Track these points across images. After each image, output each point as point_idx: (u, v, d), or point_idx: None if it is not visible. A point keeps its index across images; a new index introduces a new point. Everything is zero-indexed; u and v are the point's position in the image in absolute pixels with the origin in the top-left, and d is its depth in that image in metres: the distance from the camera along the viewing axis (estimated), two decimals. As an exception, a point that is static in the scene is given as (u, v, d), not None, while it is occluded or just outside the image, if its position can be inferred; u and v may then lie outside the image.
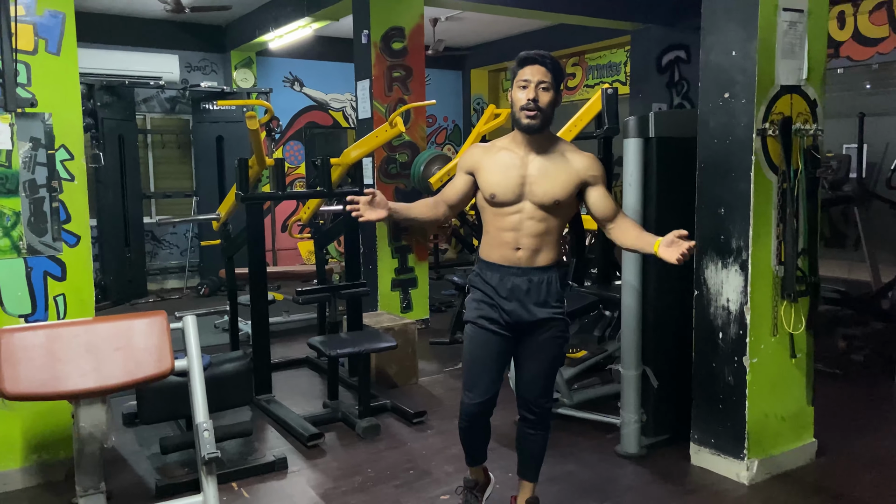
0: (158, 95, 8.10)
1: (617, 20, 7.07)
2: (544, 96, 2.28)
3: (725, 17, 3.01)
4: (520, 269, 2.38)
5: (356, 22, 5.82)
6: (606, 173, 4.52)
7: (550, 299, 2.42)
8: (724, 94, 3.03)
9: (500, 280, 2.40)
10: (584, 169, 2.37)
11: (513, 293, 2.39)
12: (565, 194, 2.34)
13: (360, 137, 5.82)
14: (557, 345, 2.49)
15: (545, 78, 2.28)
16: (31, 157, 3.04)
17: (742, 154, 2.98)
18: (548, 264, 2.41)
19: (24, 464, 3.06)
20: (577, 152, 2.40)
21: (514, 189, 2.34)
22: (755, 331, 3.03)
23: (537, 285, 2.39)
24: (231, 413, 3.69)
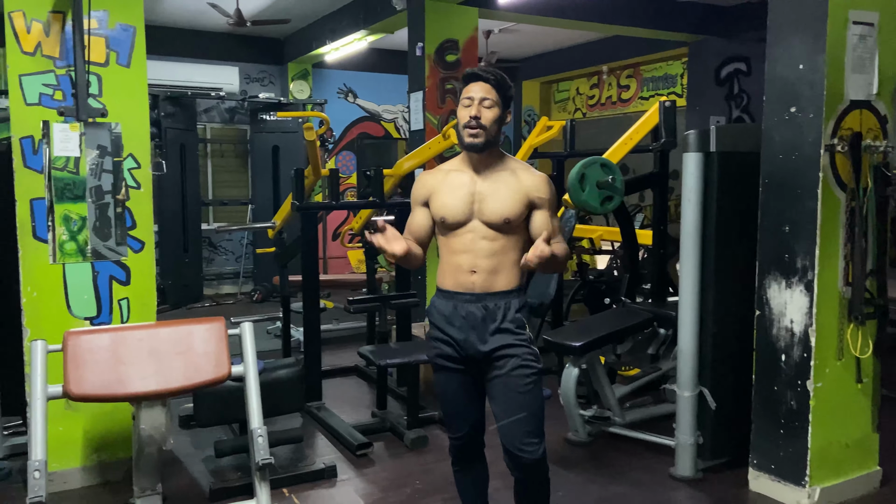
0: (218, 106, 8.33)
1: (674, 31, 6.96)
2: (487, 114, 2.15)
3: (792, 30, 2.93)
4: (474, 294, 2.18)
5: (411, 34, 5.88)
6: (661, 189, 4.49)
7: (509, 325, 2.19)
8: (791, 109, 2.94)
9: (453, 309, 2.21)
10: (533, 189, 2.20)
11: (466, 322, 2.19)
12: (515, 213, 2.18)
13: (411, 149, 5.87)
14: (523, 376, 2.18)
15: (488, 95, 2.16)
16: (97, 164, 3.15)
17: (809, 171, 2.88)
18: (506, 289, 2.20)
19: (83, 463, 3.16)
20: (528, 171, 2.25)
21: (463, 208, 2.19)
22: (820, 354, 2.92)
23: (493, 312, 2.18)
24: (282, 419, 3.74)
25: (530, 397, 2.20)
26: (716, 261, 3.23)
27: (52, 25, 3.01)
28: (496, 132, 2.20)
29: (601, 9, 6.48)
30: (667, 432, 3.56)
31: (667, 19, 6.81)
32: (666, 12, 6.78)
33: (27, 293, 3.04)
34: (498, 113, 2.18)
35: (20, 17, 2.96)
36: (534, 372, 2.21)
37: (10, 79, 2.98)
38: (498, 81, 2.19)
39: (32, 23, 2.98)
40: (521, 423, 2.18)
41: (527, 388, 2.19)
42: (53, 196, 3.07)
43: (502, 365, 2.19)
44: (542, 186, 2.22)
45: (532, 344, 2.22)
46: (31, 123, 3.00)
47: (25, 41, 2.98)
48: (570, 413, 3.65)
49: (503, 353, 2.18)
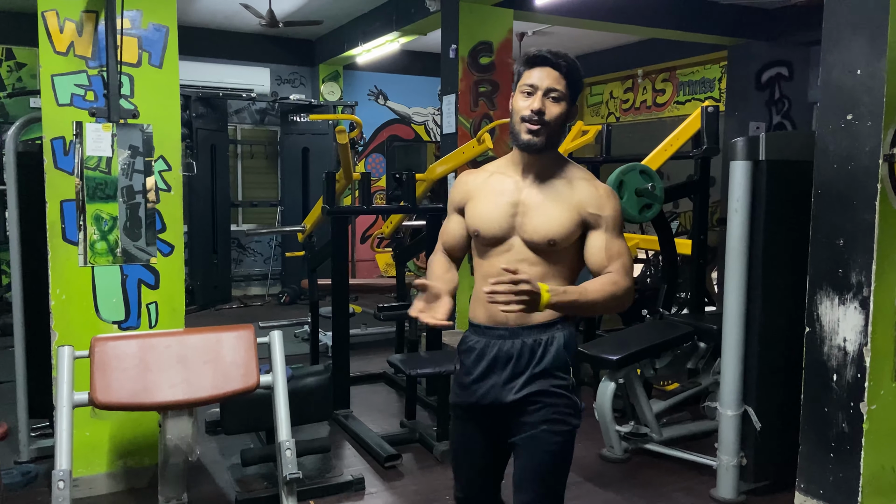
0: (249, 107, 8.33)
1: (714, 34, 6.78)
2: (553, 108, 1.76)
3: (850, 34, 2.78)
4: (508, 329, 1.79)
5: (444, 36, 5.80)
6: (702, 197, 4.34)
7: (547, 367, 1.78)
8: (847, 116, 2.79)
9: (482, 349, 1.82)
10: (587, 203, 1.79)
11: (495, 365, 1.80)
12: (563, 233, 1.77)
13: (444, 152, 5.78)
14: (552, 433, 1.77)
15: (556, 85, 1.75)
16: (129, 164, 3.11)
17: (866, 181, 2.73)
18: (547, 321, 1.79)
19: (109, 469, 3.12)
20: (588, 181, 1.84)
21: (502, 221, 1.80)
22: (875, 375, 2.76)
23: (532, 348, 1.78)
24: (309, 427, 3.68)
25: (553, 470, 1.81)
26: (763, 274, 3.08)
27: (85, 25, 2.98)
28: (560, 131, 1.82)
29: (639, 11, 6.33)
30: (706, 451, 3.42)
31: (706, 22, 6.64)
32: (706, 15, 6.60)
33: (56, 295, 3.00)
34: (565, 108, 1.78)
35: (53, 17, 2.94)
36: (567, 430, 1.79)
37: (43, 79, 2.95)
38: (569, 70, 1.77)
39: (65, 22, 2.95)
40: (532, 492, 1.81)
41: (555, 448, 1.79)
42: (85, 195, 3.03)
43: (530, 415, 1.79)
44: (600, 201, 1.80)
45: (574, 392, 1.81)
46: (62, 124, 2.97)
47: (58, 41, 2.95)
48: (605, 428, 3.53)
49: (534, 401, 1.78)
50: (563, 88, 1.77)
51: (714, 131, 4.15)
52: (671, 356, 3.68)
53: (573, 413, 1.81)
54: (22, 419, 3.40)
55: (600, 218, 1.79)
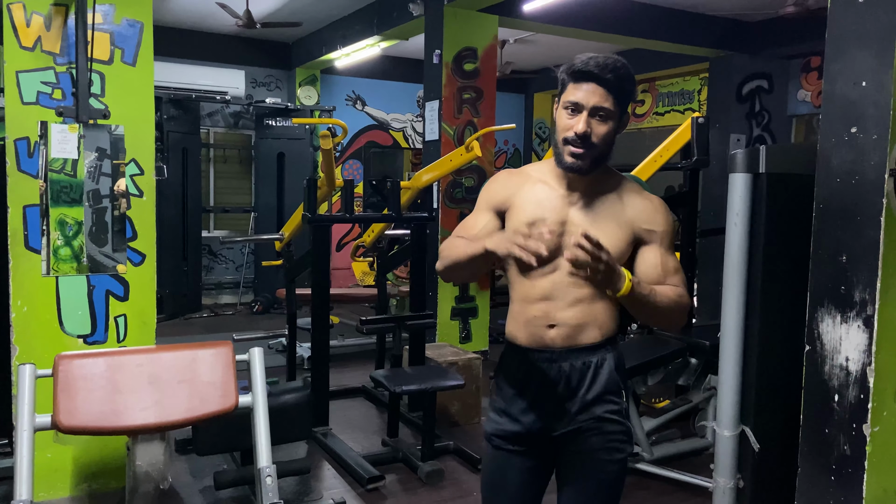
0: (223, 110, 8.11)
1: (696, 46, 6.77)
2: (600, 129, 1.61)
3: (855, 44, 2.71)
4: (554, 352, 1.67)
5: (428, 41, 5.67)
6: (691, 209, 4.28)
7: (601, 391, 1.68)
8: (851, 129, 2.72)
9: (526, 374, 1.71)
10: (641, 218, 1.68)
11: (542, 391, 1.69)
12: (615, 253, 1.62)
13: (426, 159, 5.65)
14: (608, 462, 1.69)
15: (604, 103, 1.59)
16: (96, 167, 2.93)
17: (871, 196, 2.65)
18: (596, 342, 1.68)
19: (73, 493, 2.92)
20: (638, 194, 1.71)
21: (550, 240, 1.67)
22: (878, 396, 2.67)
23: (581, 372, 1.67)
24: (286, 446, 3.50)
25: (609, 494, 1.72)
26: (762, 289, 3.00)
27: (54, 19, 2.79)
28: (608, 150, 1.66)
29: (624, 21, 6.29)
30: (698, 470, 3.33)
31: (689, 34, 6.63)
32: (689, 26, 6.59)
33: (17, 307, 2.80)
34: (613, 126, 1.63)
35: (20, 10, 2.74)
36: (621, 458, 1.71)
37: (7, 76, 2.75)
38: (620, 83, 1.61)
39: (33, 16, 2.76)
40: None
41: (609, 477, 1.70)
42: (49, 199, 2.83)
43: (584, 442, 1.68)
44: (654, 215, 1.69)
45: (627, 418, 1.72)
46: (27, 124, 2.78)
47: (24, 35, 2.76)
48: (596, 448, 3.40)
49: (589, 428, 1.67)
50: (612, 105, 1.61)
51: (704, 143, 4.09)
52: (663, 372, 3.58)
53: (627, 440, 1.72)
54: (-23, 439, 3.16)
55: (654, 234, 1.68)
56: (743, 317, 2.99)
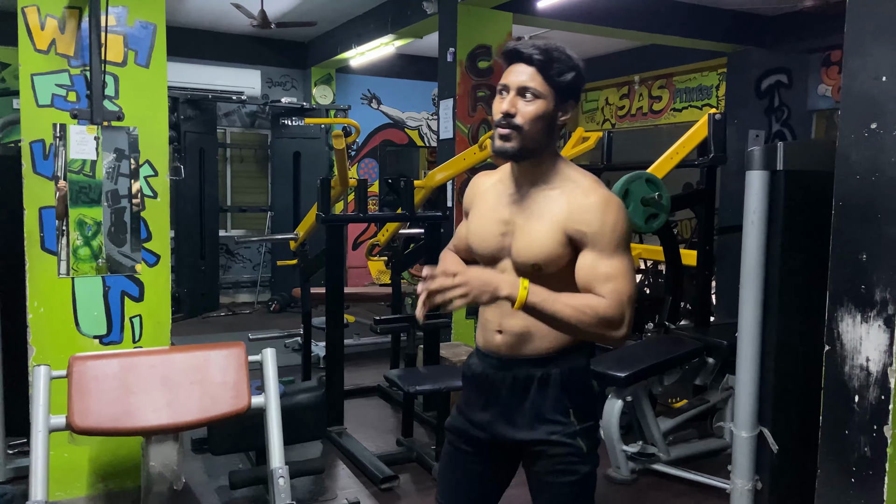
0: (239, 110, 8.15)
1: (714, 41, 6.68)
2: (527, 109, 1.51)
3: (875, 39, 2.65)
4: (500, 360, 1.61)
5: (442, 39, 5.65)
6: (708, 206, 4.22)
7: (545, 410, 1.58)
8: (871, 125, 2.66)
9: (479, 377, 1.66)
10: (573, 219, 1.52)
11: (489, 397, 1.64)
12: (545, 256, 1.53)
13: (440, 158, 5.63)
14: (560, 485, 1.60)
15: (530, 83, 1.51)
16: (114, 167, 2.95)
17: (891, 193, 2.59)
18: (541, 355, 1.58)
19: (89, 492, 2.94)
20: (580, 191, 1.55)
21: (492, 241, 1.61)
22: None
23: (524, 385, 1.59)
24: (301, 446, 3.50)
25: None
26: (780, 289, 2.95)
27: (68, 22, 2.81)
28: (540, 135, 1.53)
29: (639, 16, 6.21)
30: (715, 471, 3.29)
31: (706, 28, 6.54)
32: (706, 21, 6.50)
33: (33, 308, 2.83)
34: (543, 108, 1.52)
35: (34, 13, 2.76)
36: (575, 479, 1.59)
37: (22, 78, 2.78)
38: (545, 62, 1.51)
39: (47, 19, 2.78)
40: None
41: (564, 498, 1.61)
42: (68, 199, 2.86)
43: (534, 462, 1.62)
44: (587, 214, 1.51)
45: (580, 436, 1.59)
46: (42, 126, 2.80)
47: (39, 38, 2.78)
48: (611, 448, 3.38)
49: (537, 450, 1.60)
50: (539, 85, 1.51)
51: (721, 139, 4.03)
52: (680, 372, 3.54)
53: (581, 460, 1.59)
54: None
55: (585, 235, 1.51)
56: (761, 316, 2.94)
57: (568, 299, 1.46)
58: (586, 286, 1.50)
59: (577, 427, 1.59)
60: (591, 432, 1.63)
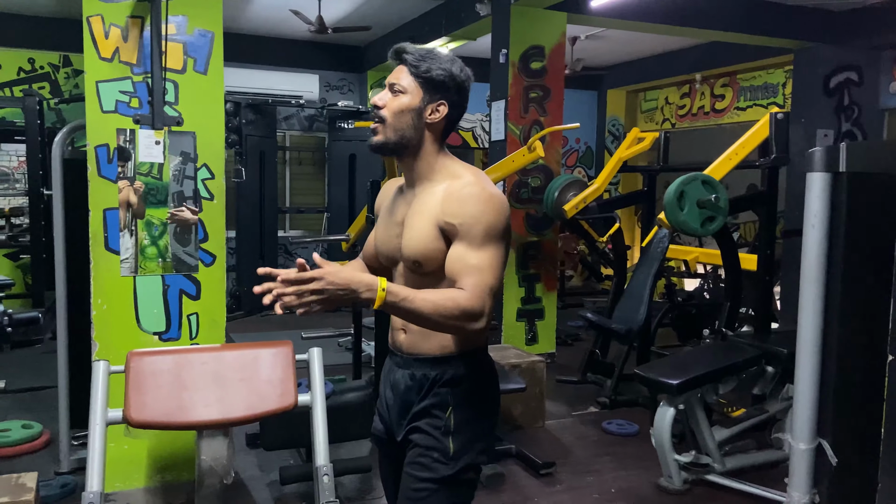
0: (298, 114, 8.33)
1: (779, 38, 6.45)
2: (393, 102, 1.57)
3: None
4: (402, 358, 1.64)
5: (494, 41, 5.64)
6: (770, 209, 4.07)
7: (427, 405, 1.59)
8: (942, 124, 2.52)
9: (386, 374, 1.72)
10: (445, 212, 1.52)
11: (391, 395, 1.67)
12: (423, 252, 1.54)
13: (492, 159, 5.62)
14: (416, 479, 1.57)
15: (397, 79, 1.59)
16: (180, 170, 3.06)
17: (964, 196, 2.46)
18: (438, 355, 1.59)
19: (147, 483, 3.05)
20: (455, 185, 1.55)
21: (390, 243, 1.64)
22: (971, 411, 2.48)
23: (419, 384, 1.60)
24: (350, 444, 3.55)
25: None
26: (841, 296, 2.82)
27: (131, 31, 2.93)
28: (407, 128, 1.57)
29: (700, 13, 6.06)
30: (773, 483, 3.18)
31: (772, 25, 6.32)
32: (771, 17, 6.29)
33: (97, 305, 2.95)
34: (407, 102, 1.57)
35: (98, 22, 2.89)
36: (429, 478, 1.56)
37: (88, 85, 2.91)
38: (415, 60, 1.58)
39: (111, 28, 2.91)
40: None
41: (412, 495, 1.57)
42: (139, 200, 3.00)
43: (407, 453, 1.62)
44: (458, 207, 1.51)
45: (451, 436, 1.57)
46: (106, 131, 2.92)
47: (103, 47, 2.91)
48: (663, 457, 3.30)
49: (410, 440, 1.61)
50: (408, 81, 1.58)
51: (784, 140, 3.90)
52: (736, 381, 3.43)
53: (443, 460, 1.56)
54: (63, 429, 3.36)
55: (455, 227, 1.50)
56: (821, 324, 2.82)
57: (427, 295, 1.45)
58: (452, 277, 1.51)
59: (451, 427, 1.57)
60: (468, 442, 1.58)
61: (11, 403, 4.35)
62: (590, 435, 4.08)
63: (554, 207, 5.24)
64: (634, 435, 4.05)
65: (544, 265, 5.71)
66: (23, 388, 4.60)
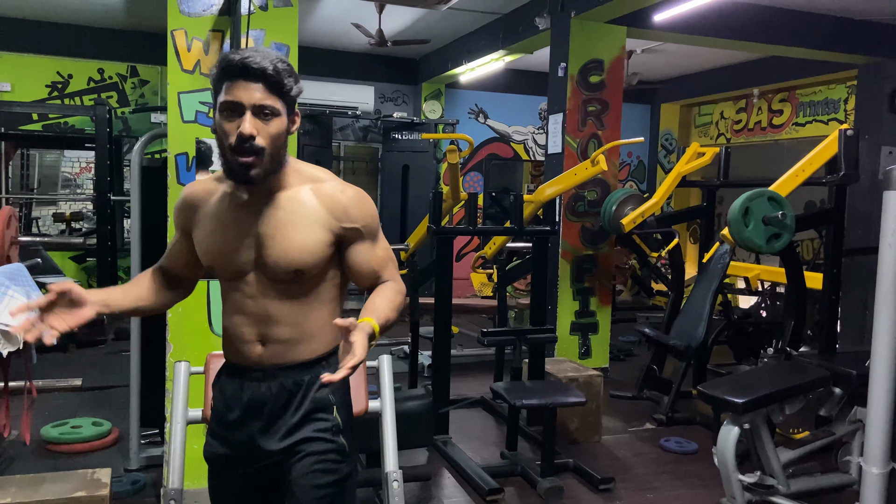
0: (353, 124, 8.47)
1: (842, 53, 6.32)
2: (268, 129, 1.43)
3: None
4: (262, 370, 1.56)
5: (553, 54, 5.66)
6: (837, 227, 3.98)
7: (308, 410, 1.55)
8: None
9: (234, 392, 1.59)
10: (339, 218, 1.52)
11: (250, 411, 1.56)
12: (312, 259, 1.50)
13: (549, 172, 5.63)
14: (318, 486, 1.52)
15: (266, 100, 1.42)
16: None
17: None
18: (310, 358, 1.56)
19: (216, 482, 3.13)
20: (331, 191, 1.53)
21: (236, 256, 1.53)
22: None
23: (290, 393, 1.55)
24: (408, 452, 3.59)
25: None
26: (920, 318, 2.75)
27: (212, 44, 3.04)
28: (281, 152, 1.48)
29: (762, 28, 5.98)
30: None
31: (834, 39, 6.20)
32: (834, 32, 6.17)
33: (173, 309, 3.03)
34: (282, 125, 1.46)
35: (182, 36, 3.01)
36: (335, 480, 1.54)
37: (170, 96, 3.02)
38: (278, 77, 1.43)
39: (193, 41, 3.02)
40: None
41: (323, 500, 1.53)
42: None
43: (293, 467, 1.54)
44: (352, 212, 1.52)
45: (341, 433, 1.57)
46: (186, 140, 3.03)
47: (185, 59, 3.02)
48: (727, 477, 3.24)
49: (298, 450, 1.54)
50: (275, 102, 1.44)
51: (853, 157, 3.82)
52: (803, 401, 3.35)
53: (342, 458, 1.56)
54: (133, 427, 3.47)
55: (357, 230, 1.54)
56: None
57: (384, 303, 1.51)
58: (371, 272, 1.56)
59: (340, 425, 1.57)
60: (350, 432, 1.60)
61: (81, 401, 4.52)
62: (647, 452, 4.03)
63: (611, 221, 5.22)
64: (693, 453, 3.99)
65: (599, 279, 5.67)
66: (91, 386, 4.78)
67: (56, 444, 3.70)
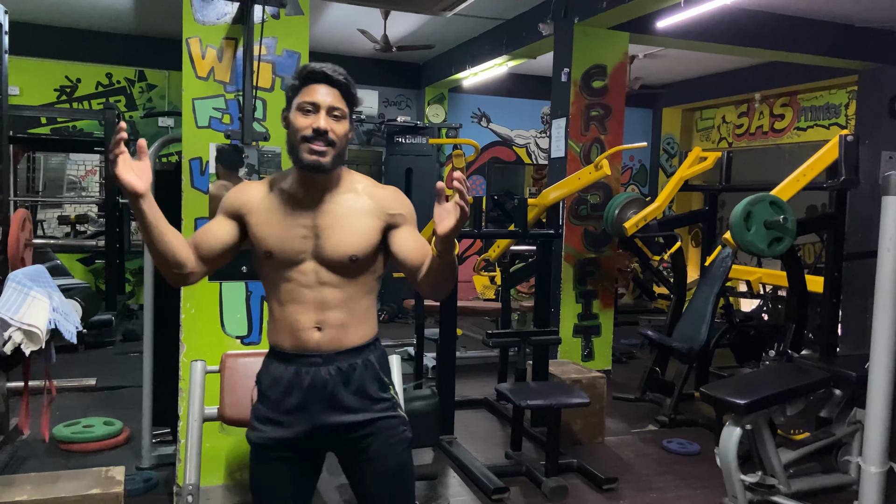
0: (357, 128, 8.55)
1: (843, 58, 6.39)
2: (339, 127, 1.68)
3: None
4: (321, 355, 1.72)
5: (557, 60, 5.73)
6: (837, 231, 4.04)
7: (372, 390, 1.75)
8: None
9: (292, 379, 1.73)
10: (388, 206, 1.75)
11: (311, 395, 1.72)
12: (365, 246, 1.71)
13: (551, 176, 5.70)
14: (401, 456, 1.78)
15: (339, 104, 1.69)
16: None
17: None
18: (361, 343, 1.75)
19: (226, 481, 3.19)
20: (376, 186, 1.80)
21: (296, 244, 1.71)
22: None
23: (346, 375, 1.73)
24: (415, 452, 3.64)
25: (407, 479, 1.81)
26: (918, 320, 2.81)
27: (225, 51, 3.11)
28: (345, 149, 1.74)
29: (764, 34, 6.05)
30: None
31: (835, 45, 6.27)
32: (836, 38, 6.24)
33: (186, 309, 3.11)
34: (348, 127, 1.73)
35: (196, 43, 3.08)
36: (407, 446, 1.81)
37: (185, 102, 3.09)
38: (350, 89, 1.73)
39: (207, 49, 3.09)
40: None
41: (401, 465, 1.79)
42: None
43: (368, 444, 1.75)
44: (397, 200, 1.78)
45: (398, 407, 1.82)
46: (200, 145, 3.10)
47: (200, 66, 3.09)
48: (728, 477, 3.30)
49: (368, 431, 1.75)
50: (346, 108, 1.71)
51: (853, 162, 3.88)
52: (804, 403, 3.41)
53: (406, 426, 1.82)
54: (146, 426, 3.53)
55: (403, 216, 1.76)
56: (895, 348, 2.81)
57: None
58: (420, 248, 1.71)
59: (397, 400, 1.83)
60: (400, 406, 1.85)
61: (92, 401, 4.59)
62: (650, 453, 4.09)
63: (614, 224, 5.28)
64: (696, 454, 4.05)
65: (601, 282, 5.74)
66: (101, 387, 4.84)
67: (68, 444, 3.76)
